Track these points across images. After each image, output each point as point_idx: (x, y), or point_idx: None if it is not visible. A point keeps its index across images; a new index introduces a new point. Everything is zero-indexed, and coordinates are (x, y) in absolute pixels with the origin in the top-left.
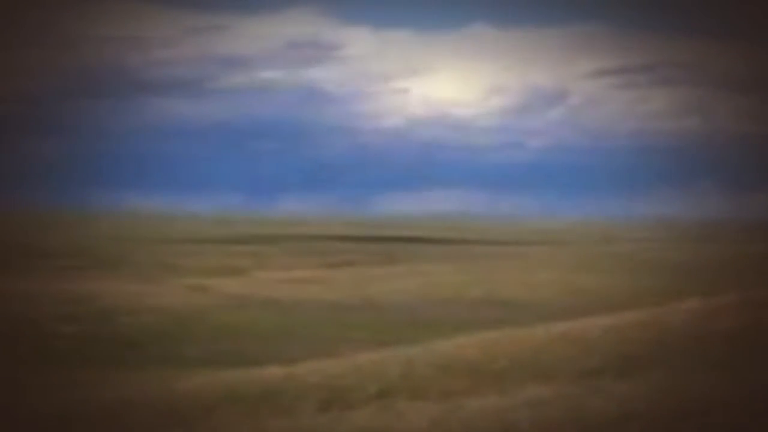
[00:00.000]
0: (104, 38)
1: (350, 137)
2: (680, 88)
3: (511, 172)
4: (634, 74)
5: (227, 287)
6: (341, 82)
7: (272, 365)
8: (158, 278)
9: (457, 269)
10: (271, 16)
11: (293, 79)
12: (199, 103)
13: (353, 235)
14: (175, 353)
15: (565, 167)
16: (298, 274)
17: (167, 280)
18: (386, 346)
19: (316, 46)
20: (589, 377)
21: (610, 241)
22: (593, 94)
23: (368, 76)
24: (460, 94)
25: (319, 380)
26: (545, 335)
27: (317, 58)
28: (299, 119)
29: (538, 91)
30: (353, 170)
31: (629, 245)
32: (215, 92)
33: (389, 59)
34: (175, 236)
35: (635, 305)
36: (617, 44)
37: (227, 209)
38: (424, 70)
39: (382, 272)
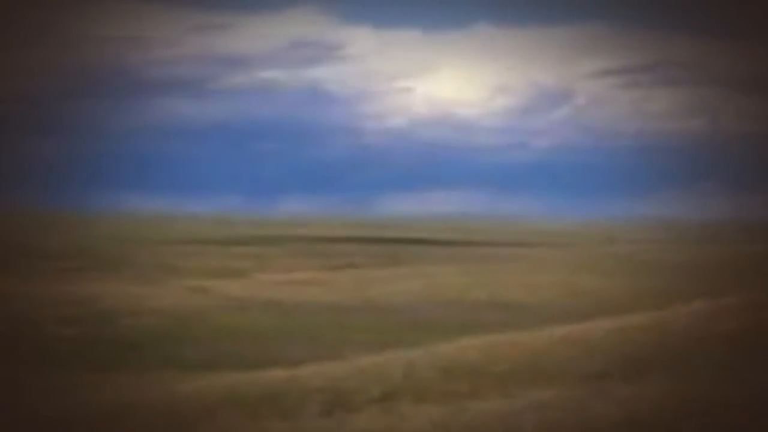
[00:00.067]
0: (104, 38)
1: (352, 137)
2: (683, 87)
3: (515, 172)
4: (637, 74)
5: (228, 289)
6: (343, 81)
7: (274, 367)
8: (159, 280)
9: (459, 271)
10: (272, 15)
11: (295, 78)
12: (200, 103)
13: (355, 236)
14: (176, 355)
15: (569, 167)
16: (299, 275)
17: (168, 281)
18: (389, 348)
19: (318, 45)
20: (592, 380)
21: (612, 242)
22: (597, 94)
23: (370, 75)
24: (463, 93)
25: (321, 383)
26: (547, 338)
27: (319, 57)
28: (301, 119)
29: (541, 90)
30: (355, 171)
31: (631, 246)
32: (216, 92)
33: (392, 59)
34: (175, 237)
35: (637, 307)
36: (620, 44)
37: (228, 210)
38: (426, 69)
39: (384, 274)
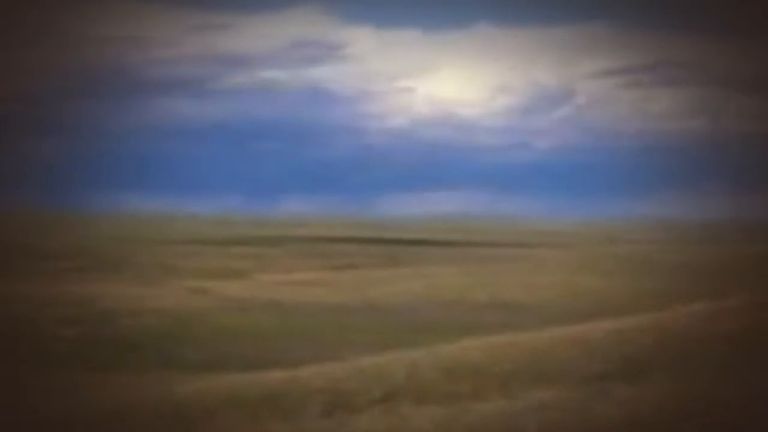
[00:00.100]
0: (104, 38)
1: (353, 137)
2: (684, 87)
3: (515, 172)
4: (637, 74)
5: (228, 289)
6: (344, 81)
7: (274, 368)
8: (159, 280)
9: (461, 271)
10: (273, 15)
11: (295, 78)
12: (200, 103)
13: (356, 236)
14: (176, 356)
15: (570, 167)
16: (300, 276)
17: (168, 282)
18: (390, 349)
19: (318, 45)
20: (592, 380)
21: (613, 242)
22: (598, 94)
23: (371, 75)
24: (464, 93)
25: (322, 384)
26: (548, 339)
27: (320, 57)
28: (301, 119)
29: (542, 90)
30: (356, 171)
31: (631, 246)
32: (216, 92)
33: (393, 59)
34: (175, 237)
35: (637, 307)
36: (621, 44)
37: (228, 210)
38: (427, 69)
39: (385, 274)
